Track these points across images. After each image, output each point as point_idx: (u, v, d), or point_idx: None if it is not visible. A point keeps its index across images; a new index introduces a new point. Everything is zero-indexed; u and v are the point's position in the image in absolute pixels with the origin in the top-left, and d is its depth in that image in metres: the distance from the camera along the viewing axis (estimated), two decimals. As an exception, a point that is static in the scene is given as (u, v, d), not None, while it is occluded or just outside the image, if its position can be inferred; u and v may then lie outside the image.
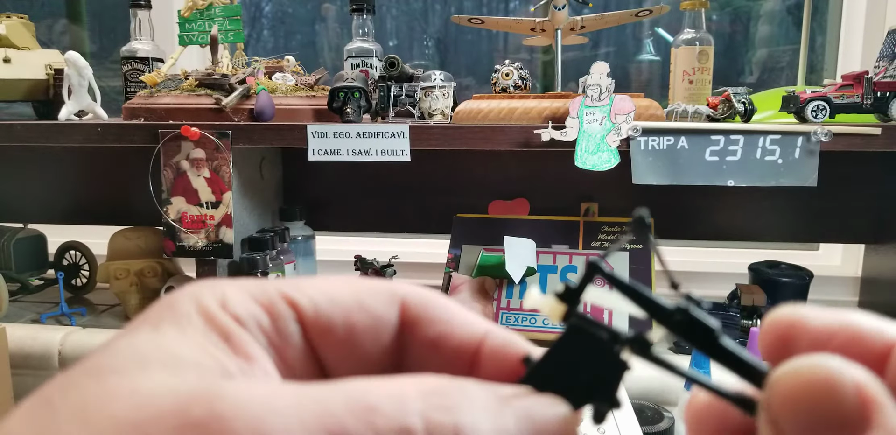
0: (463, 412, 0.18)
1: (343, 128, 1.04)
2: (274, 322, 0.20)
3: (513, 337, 0.23)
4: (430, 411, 0.17)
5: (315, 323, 0.21)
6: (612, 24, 1.18)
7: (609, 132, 1.02)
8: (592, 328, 0.21)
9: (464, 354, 0.22)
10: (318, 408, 0.16)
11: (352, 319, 0.21)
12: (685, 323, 0.20)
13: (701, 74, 1.16)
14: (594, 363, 0.21)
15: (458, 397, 0.18)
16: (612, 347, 0.21)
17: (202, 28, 1.19)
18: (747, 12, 1.58)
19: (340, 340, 0.21)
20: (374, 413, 0.17)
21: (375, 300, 0.22)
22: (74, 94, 1.19)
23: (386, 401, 0.17)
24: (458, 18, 1.19)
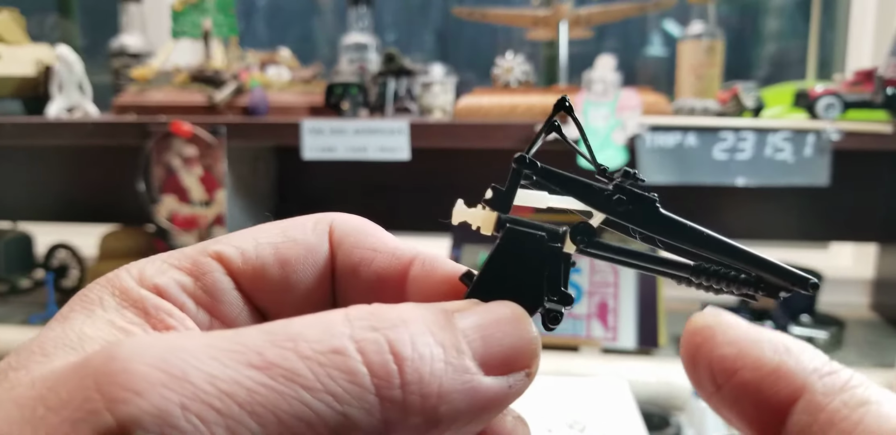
0: (397, 329, 0.16)
1: (339, 124, 1.01)
2: (199, 280, 0.20)
3: (441, 256, 0.22)
4: (360, 331, 0.16)
5: (246, 269, 0.20)
6: (618, 18, 1.15)
7: (615, 128, 0.99)
8: (528, 229, 0.20)
9: (392, 277, 0.21)
10: (232, 344, 0.15)
11: (283, 253, 0.20)
12: (620, 199, 0.20)
13: (709, 69, 1.13)
14: (537, 265, 0.20)
15: (391, 316, 0.17)
16: (553, 243, 0.20)
17: (195, 21, 1.16)
18: (756, 6, 1.55)
19: (276, 281, 0.20)
20: (298, 341, 0.15)
21: (303, 230, 0.21)
22: (64, 89, 1.17)
23: (309, 329, 0.16)
24: (459, 11, 1.16)
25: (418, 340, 0.16)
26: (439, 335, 0.17)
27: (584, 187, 0.20)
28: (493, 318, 0.18)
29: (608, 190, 0.20)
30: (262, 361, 0.15)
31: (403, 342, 0.16)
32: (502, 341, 0.18)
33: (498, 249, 0.20)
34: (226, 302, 0.20)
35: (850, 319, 1.24)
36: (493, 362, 0.17)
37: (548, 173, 0.20)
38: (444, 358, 0.16)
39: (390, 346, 0.16)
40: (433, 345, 0.16)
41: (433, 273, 0.21)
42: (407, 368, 0.16)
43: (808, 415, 0.16)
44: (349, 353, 0.15)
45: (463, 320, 0.18)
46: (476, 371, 0.17)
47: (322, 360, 0.15)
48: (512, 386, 0.18)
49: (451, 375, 0.16)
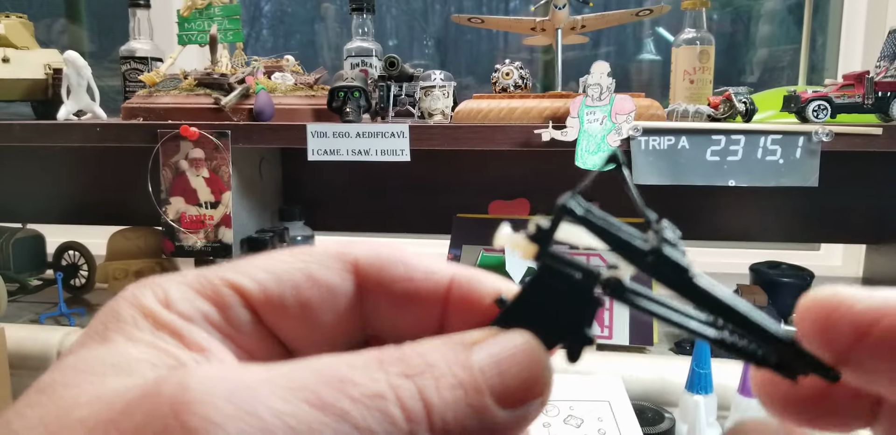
0: (424, 376, 0.18)
1: (342, 128, 1.04)
2: (222, 312, 0.20)
3: (479, 275, 0.22)
4: (395, 378, 0.17)
5: (266, 304, 0.20)
6: (613, 24, 1.17)
7: (610, 132, 1.02)
8: (565, 267, 0.21)
9: (433, 304, 0.22)
10: (289, 382, 0.16)
11: (303, 294, 0.21)
12: (657, 264, 0.20)
13: (702, 74, 1.16)
14: (567, 302, 0.20)
15: (417, 362, 0.18)
16: (585, 285, 0.20)
17: (201, 27, 1.18)
18: (748, 12, 1.58)
19: (296, 317, 0.21)
20: (346, 384, 0.17)
21: (325, 270, 0.21)
22: (73, 93, 1.18)
23: (351, 371, 0.17)
24: (458, 18, 1.18)
25: (442, 385, 0.18)
26: (460, 376, 0.18)
27: (620, 242, 0.20)
28: (508, 351, 0.19)
29: (644, 251, 0.20)
30: (318, 400, 0.16)
31: (430, 389, 0.18)
32: (518, 375, 0.19)
33: (533, 280, 0.21)
34: (247, 333, 0.20)
35: (841, 318, 1.25)
36: (510, 396, 0.19)
37: (587, 223, 0.20)
38: (465, 400, 0.18)
39: (420, 393, 0.17)
40: (456, 388, 0.18)
41: (472, 294, 0.22)
42: (434, 413, 0.17)
43: None
44: (388, 398, 0.17)
45: (480, 354, 0.19)
46: (494, 407, 0.18)
47: (368, 403, 0.17)
48: (527, 415, 0.19)
49: (472, 417, 0.18)
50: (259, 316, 0.21)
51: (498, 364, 0.19)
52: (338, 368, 0.17)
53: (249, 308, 0.20)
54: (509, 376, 0.19)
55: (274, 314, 0.21)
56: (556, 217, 0.21)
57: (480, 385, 0.18)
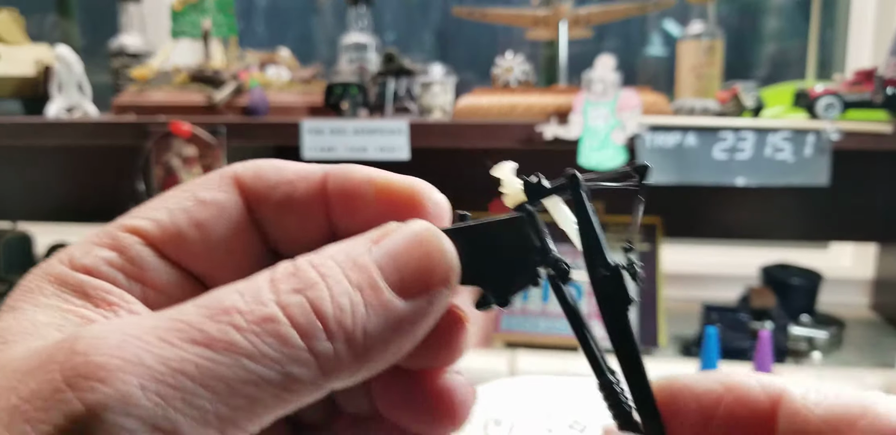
0: (316, 287, 0.18)
1: (339, 124, 1.01)
2: (123, 254, 0.20)
3: (351, 166, 0.22)
4: (285, 296, 0.17)
5: (163, 237, 0.21)
6: (618, 17, 1.15)
7: (614, 128, 0.99)
8: (532, 230, 0.21)
9: (315, 205, 0.22)
10: (175, 323, 0.17)
11: (194, 216, 0.21)
12: (608, 281, 0.20)
13: (709, 69, 1.13)
14: (511, 260, 0.21)
15: (310, 274, 0.18)
16: (536, 257, 0.21)
17: (194, 21, 1.15)
18: (756, 5, 1.55)
19: (197, 243, 0.21)
20: (232, 314, 0.17)
21: (208, 190, 0.21)
22: (64, 89, 1.16)
23: (239, 299, 0.17)
24: (459, 11, 1.16)
25: (336, 293, 0.18)
26: (356, 278, 0.18)
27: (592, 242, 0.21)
28: (404, 244, 0.19)
29: (607, 266, 0.20)
30: (204, 337, 0.16)
31: (323, 300, 0.18)
32: (416, 265, 0.19)
33: (498, 222, 0.21)
34: (153, 270, 0.21)
35: (850, 319, 1.24)
36: (409, 287, 0.19)
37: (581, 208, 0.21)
38: (362, 301, 0.18)
39: (312, 306, 0.17)
40: (351, 292, 0.18)
41: (347, 184, 0.22)
42: (330, 323, 0.17)
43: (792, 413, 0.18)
44: (279, 319, 0.17)
45: (378, 251, 0.19)
46: (395, 300, 0.19)
47: (256, 329, 0.17)
48: (433, 302, 0.19)
49: (373, 316, 0.18)
50: (161, 251, 0.21)
51: (394, 258, 0.19)
52: (224, 298, 0.17)
53: (150, 245, 0.21)
54: (407, 267, 0.19)
55: (174, 245, 0.21)
56: (560, 185, 0.21)
57: (377, 283, 0.18)
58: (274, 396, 0.17)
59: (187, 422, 0.15)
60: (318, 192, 0.22)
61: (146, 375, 0.15)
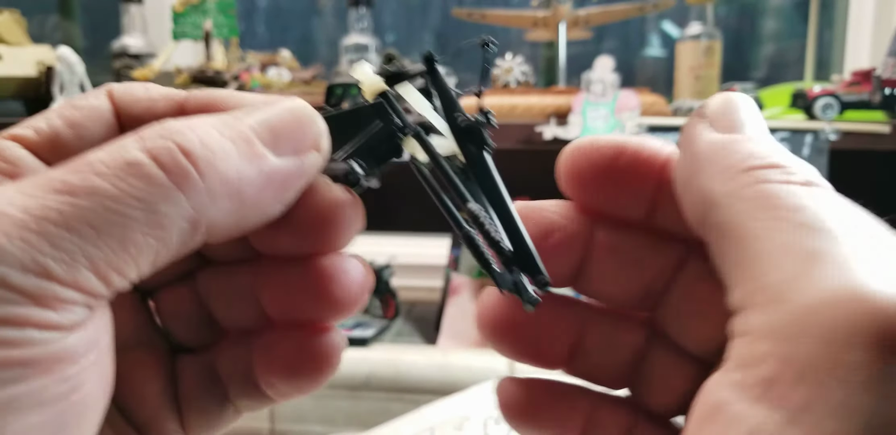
0: (184, 133, 0.18)
1: (340, 125, 1.02)
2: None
3: (215, 90, 0.23)
4: (150, 142, 0.17)
5: (41, 140, 0.21)
6: (617, 19, 1.15)
7: (613, 129, 1.00)
8: (394, 114, 0.22)
9: (174, 115, 0.22)
10: (37, 180, 0.17)
11: (69, 117, 0.21)
12: (467, 130, 0.22)
13: (707, 70, 1.13)
14: (372, 138, 0.22)
15: (178, 125, 0.18)
16: (397, 132, 0.22)
17: (196, 22, 1.16)
18: (754, 6, 1.56)
19: (72, 144, 0.21)
20: (94, 163, 0.17)
21: (84, 97, 0.22)
22: (66, 90, 1.17)
23: (103, 153, 0.17)
24: (458, 12, 1.17)
25: (207, 138, 0.18)
26: (227, 132, 0.19)
27: (451, 103, 0.22)
28: (276, 111, 0.20)
29: (466, 119, 0.22)
30: (64, 185, 0.16)
31: (192, 142, 0.18)
32: (287, 127, 0.20)
33: (360, 109, 0.22)
34: (30, 170, 0.21)
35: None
36: (283, 146, 0.19)
37: (438, 80, 0.22)
38: (234, 150, 0.18)
39: (180, 147, 0.17)
40: (223, 141, 0.18)
41: (208, 102, 0.22)
42: (200, 161, 0.18)
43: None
44: (142, 161, 0.17)
45: (248, 118, 0.19)
46: (267, 154, 0.19)
47: (119, 173, 0.17)
48: (304, 162, 0.20)
49: (246, 163, 0.18)
50: (38, 153, 0.21)
51: (266, 122, 0.19)
52: (88, 155, 0.17)
53: (27, 148, 0.21)
54: (279, 128, 0.20)
55: (49, 145, 0.21)
56: (418, 69, 0.22)
57: (249, 137, 0.19)
58: (144, 235, 0.17)
59: (56, 264, 0.16)
60: (178, 110, 0.22)
61: (8, 224, 0.16)
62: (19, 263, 0.15)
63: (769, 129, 0.20)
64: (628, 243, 0.23)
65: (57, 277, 0.16)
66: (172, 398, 0.24)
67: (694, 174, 0.19)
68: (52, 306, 0.16)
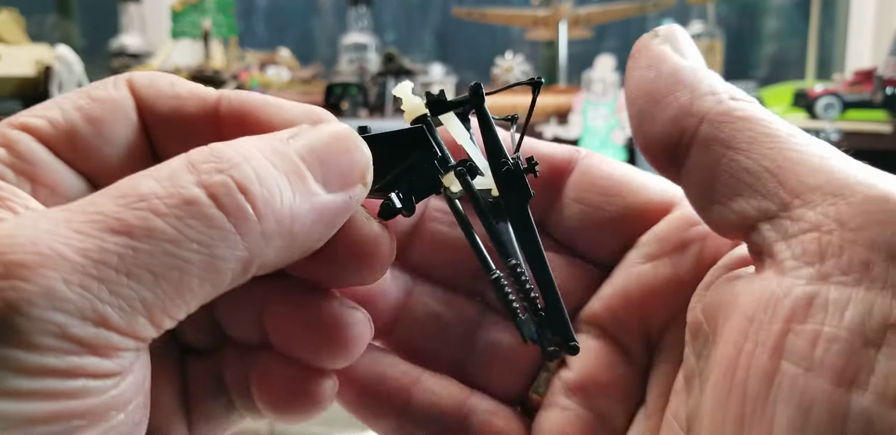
0: (241, 167, 0.17)
1: (339, 124, 1.02)
2: (11, 150, 0.19)
3: (247, 94, 0.22)
4: (206, 176, 0.17)
5: (57, 134, 0.20)
6: (618, 18, 1.15)
7: (614, 128, 0.99)
8: (433, 142, 0.21)
9: (206, 124, 0.21)
10: (89, 215, 0.16)
11: (89, 112, 0.20)
12: (510, 175, 0.21)
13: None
14: (414, 168, 0.21)
15: (231, 154, 0.17)
16: (439, 165, 0.21)
17: (195, 21, 1.16)
18: (755, 6, 1.55)
19: (91, 141, 0.20)
20: (150, 199, 0.16)
21: (104, 88, 0.21)
22: (64, 89, 1.17)
23: (156, 184, 0.16)
24: (458, 11, 1.16)
25: (263, 174, 0.17)
26: (281, 165, 0.18)
27: (493, 144, 0.22)
28: (324, 140, 0.19)
29: (507, 159, 0.22)
30: (122, 225, 0.15)
31: (250, 180, 0.17)
32: (338, 161, 0.19)
33: (397, 134, 0.22)
34: (44, 167, 0.19)
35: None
36: (332, 180, 0.19)
37: (483, 115, 0.22)
38: (290, 186, 0.18)
39: (238, 186, 0.17)
40: (278, 176, 0.17)
41: (243, 110, 0.21)
42: (258, 203, 0.17)
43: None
44: (201, 201, 0.16)
45: (297, 143, 0.19)
46: (319, 190, 0.18)
47: (178, 213, 0.16)
48: (352, 197, 0.19)
49: (300, 201, 0.18)
50: (53, 148, 0.20)
51: (315, 151, 0.19)
52: (138, 185, 0.16)
53: (41, 141, 0.19)
54: (330, 162, 0.19)
55: (66, 141, 0.20)
56: (463, 99, 0.22)
57: (303, 171, 0.18)
58: (201, 280, 0.16)
59: (115, 312, 0.15)
60: (210, 113, 0.21)
61: (68, 269, 0.15)
62: (79, 311, 0.15)
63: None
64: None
65: (114, 326, 0.15)
66: (183, 402, 0.23)
67: (672, 92, 0.20)
68: (107, 355, 0.15)
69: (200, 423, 0.23)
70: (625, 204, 0.23)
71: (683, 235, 0.23)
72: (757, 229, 0.18)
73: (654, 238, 0.23)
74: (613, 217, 0.24)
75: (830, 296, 0.16)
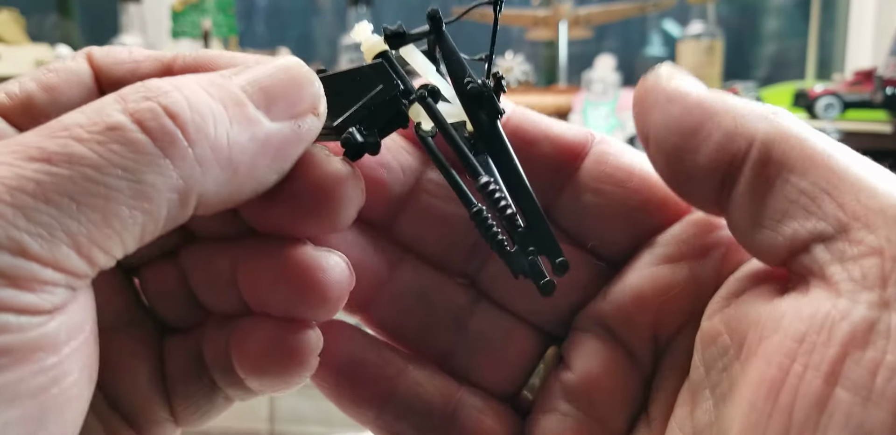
0: (170, 94, 0.16)
1: (339, 124, 1.02)
2: None
3: (205, 51, 0.21)
4: (133, 104, 0.16)
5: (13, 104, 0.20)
6: (618, 18, 1.15)
7: (614, 128, 0.99)
8: (395, 75, 0.21)
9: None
10: (11, 146, 0.15)
11: (45, 81, 0.20)
12: (476, 94, 0.21)
13: (709, 69, 1.13)
14: (375, 102, 0.20)
15: (162, 85, 0.17)
16: (401, 97, 0.21)
17: (195, 21, 1.16)
18: (756, 6, 1.55)
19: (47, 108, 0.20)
20: (72, 128, 0.16)
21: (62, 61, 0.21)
22: (64, 89, 1.17)
23: (81, 115, 0.16)
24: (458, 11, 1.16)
25: (195, 100, 0.17)
26: (216, 93, 0.17)
27: (458, 66, 0.21)
28: (268, 70, 0.18)
29: (475, 84, 0.21)
30: (41, 153, 0.15)
31: (180, 105, 0.16)
32: (283, 88, 0.18)
33: (359, 70, 0.21)
34: (2, 137, 0.19)
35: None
36: (278, 109, 0.18)
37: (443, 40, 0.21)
38: (226, 113, 0.17)
39: (166, 111, 0.16)
40: (212, 103, 0.17)
41: (197, 64, 0.21)
42: (189, 128, 0.16)
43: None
44: (126, 126, 0.16)
45: (238, 78, 0.18)
46: (261, 118, 0.18)
47: (100, 138, 0.15)
48: (301, 127, 0.18)
49: (237, 127, 0.17)
50: (11, 119, 0.19)
51: (258, 81, 0.18)
52: (65, 118, 0.16)
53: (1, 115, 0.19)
54: (273, 90, 0.18)
55: (23, 109, 0.20)
56: (423, 30, 0.21)
57: (241, 98, 0.17)
58: (130, 208, 0.15)
59: (33, 240, 0.14)
60: (165, 72, 0.21)
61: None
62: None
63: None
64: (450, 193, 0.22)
65: (34, 255, 0.14)
66: (161, 384, 0.22)
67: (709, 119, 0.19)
68: (29, 288, 0.14)
69: (181, 405, 0.22)
70: (643, 199, 0.22)
71: (705, 240, 0.22)
72: (808, 250, 0.17)
73: (673, 240, 0.22)
74: (629, 212, 0.22)
75: (893, 323, 0.15)
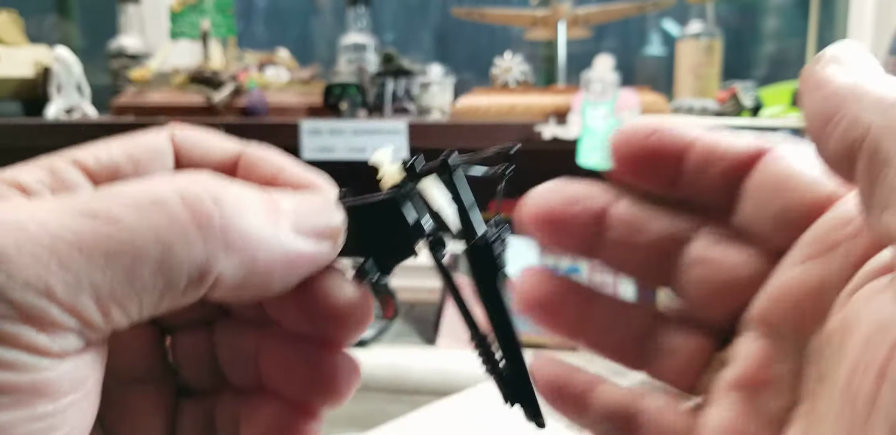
0: (220, 184, 0.18)
1: (338, 125, 1.01)
2: (53, 175, 0.21)
3: (267, 153, 0.23)
4: (186, 187, 0.18)
5: (100, 170, 0.21)
6: (616, 17, 1.15)
7: (613, 129, 0.99)
8: (409, 207, 0.22)
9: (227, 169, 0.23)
10: (67, 201, 0.17)
11: (132, 153, 0.22)
12: (479, 251, 0.22)
13: (708, 69, 1.13)
14: (390, 234, 0.22)
15: (216, 177, 0.18)
16: (413, 233, 0.22)
17: (193, 22, 1.16)
18: (755, 5, 1.55)
19: (133, 177, 0.21)
20: (122, 194, 0.17)
21: (146, 137, 0.23)
22: (63, 91, 1.17)
23: (137, 184, 0.18)
24: (458, 11, 1.16)
25: (241, 195, 0.18)
26: (260, 197, 0.19)
27: (464, 216, 0.22)
28: (307, 201, 0.21)
29: (477, 233, 0.22)
30: (88, 209, 0.16)
31: (226, 194, 0.18)
32: (314, 217, 0.20)
33: (375, 202, 0.22)
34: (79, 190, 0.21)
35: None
36: (305, 230, 0.20)
37: (452, 187, 0.22)
38: (263, 214, 0.19)
39: (212, 196, 0.18)
40: (255, 202, 0.19)
41: (258, 166, 0.23)
42: (227, 213, 0.18)
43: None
44: (171, 200, 0.17)
45: (282, 201, 0.20)
46: (289, 231, 0.19)
47: (144, 206, 0.17)
48: (321, 249, 0.20)
49: (268, 230, 0.18)
50: (95, 180, 0.21)
51: (297, 205, 0.20)
52: (122, 184, 0.18)
53: (84, 172, 0.21)
54: (306, 216, 0.20)
55: (108, 176, 0.21)
56: (434, 167, 0.22)
57: (279, 207, 0.19)
58: (154, 275, 0.17)
59: (59, 284, 0.15)
60: (229, 165, 0.23)
61: (24, 237, 0.15)
62: (23, 276, 0.15)
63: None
64: (643, 211, 0.23)
65: (57, 298, 0.15)
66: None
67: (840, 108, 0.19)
68: (45, 329, 0.15)
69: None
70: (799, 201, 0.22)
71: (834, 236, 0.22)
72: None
73: (817, 237, 0.22)
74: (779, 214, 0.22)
75: None
